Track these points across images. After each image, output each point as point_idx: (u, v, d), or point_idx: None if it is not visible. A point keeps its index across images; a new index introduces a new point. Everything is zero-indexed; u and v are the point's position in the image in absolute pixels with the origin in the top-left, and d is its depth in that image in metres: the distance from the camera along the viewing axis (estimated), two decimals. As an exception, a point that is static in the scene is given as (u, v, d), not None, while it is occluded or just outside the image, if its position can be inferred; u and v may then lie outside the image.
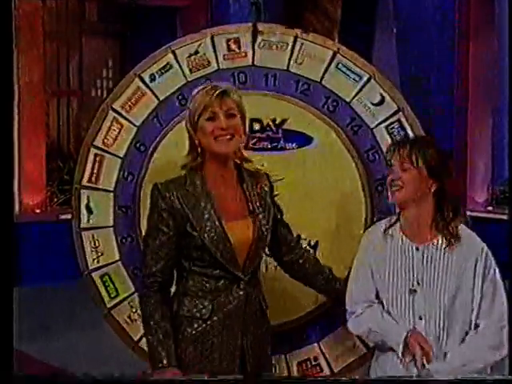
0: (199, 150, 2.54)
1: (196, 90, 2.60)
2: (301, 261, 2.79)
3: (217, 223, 2.50)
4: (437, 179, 2.54)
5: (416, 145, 2.59)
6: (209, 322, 2.52)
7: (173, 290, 2.65)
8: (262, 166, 2.98)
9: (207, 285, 2.53)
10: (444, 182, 2.56)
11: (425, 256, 2.54)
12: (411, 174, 2.54)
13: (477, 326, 2.50)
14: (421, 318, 2.50)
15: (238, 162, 2.61)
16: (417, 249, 2.55)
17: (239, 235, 2.52)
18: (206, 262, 2.52)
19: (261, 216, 2.56)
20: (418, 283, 2.51)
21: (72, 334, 5.51)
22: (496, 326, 2.49)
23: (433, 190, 2.55)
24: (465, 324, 2.50)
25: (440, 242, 2.55)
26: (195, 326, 2.52)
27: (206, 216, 2.50)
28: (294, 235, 2.84)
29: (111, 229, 3.09)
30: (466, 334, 2.51)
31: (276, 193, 2.76)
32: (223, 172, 2.56)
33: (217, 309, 2.52)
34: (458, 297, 2.49)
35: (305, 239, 3.01)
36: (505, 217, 7.38)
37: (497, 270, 2.54)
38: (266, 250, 2.73)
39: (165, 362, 2.46)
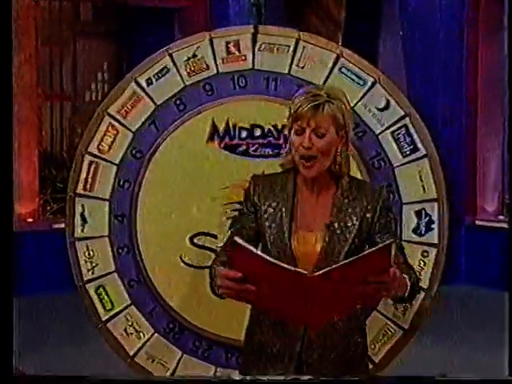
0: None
1: (302, 90, 2.50)
2: None
3: (284, 229, 2.45)
4: None
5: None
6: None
7: None
8: (263, 173, 3.00)
9: None
10: None
11: None
12: None
13: None
14: None
15: (335, 172, 2.49)
16: None
17: (304, 247, 2.44)
18: None
19: (338, 231, 2.44)
20: None
21: (66, 348, 5.51)
22: None
23: None
24: None
25: None
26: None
27: (277, 220, 2.46)
28: None
29: (106, 238, 3.11)
30: None
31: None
32: (319, 177, 2.46)
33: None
34: None
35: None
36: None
37: None
38: None
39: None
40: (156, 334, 3.12)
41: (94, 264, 3.11)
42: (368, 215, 2.47)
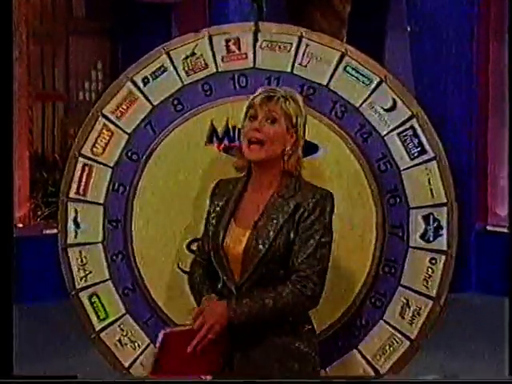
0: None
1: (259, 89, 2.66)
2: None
3: (220, 227, 2.57)
4: None
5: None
6: None
7: None
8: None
9: (218, 289, 2.62)
10: None
11: None
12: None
13: None
14: None
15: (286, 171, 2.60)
16: None
17: (235, 245, 2.55)
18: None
19: (264, 229, 2.52)
20: None
21: (58, 359, 5.51)
22: None
23: None
24: None
25: None
26: None
27: (218, 218, 2.60)
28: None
29: (100, 245, 3.11)
30: None
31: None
32: (267, 176, 2.58)
33: None
34: None
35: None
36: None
37: None
38: None
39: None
40: (152, 345, 3.12)
41: (87, 271, 3.11)
42: (297, 215, 2.52)
